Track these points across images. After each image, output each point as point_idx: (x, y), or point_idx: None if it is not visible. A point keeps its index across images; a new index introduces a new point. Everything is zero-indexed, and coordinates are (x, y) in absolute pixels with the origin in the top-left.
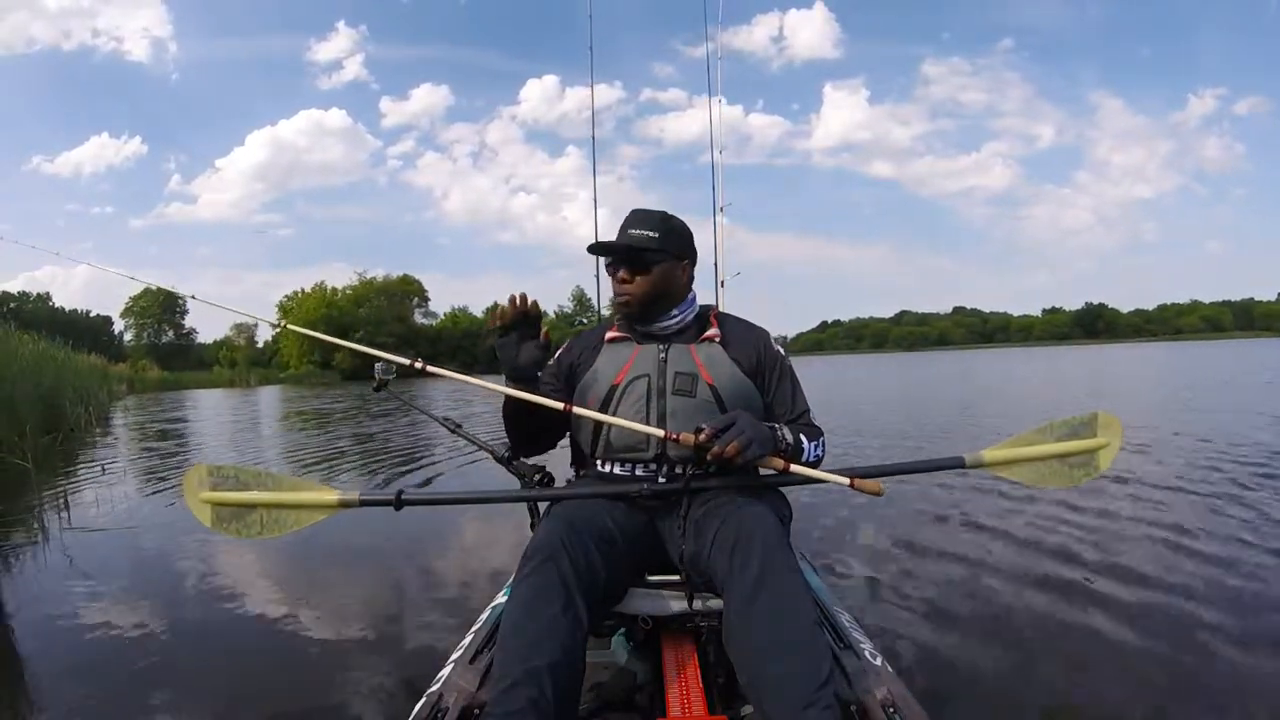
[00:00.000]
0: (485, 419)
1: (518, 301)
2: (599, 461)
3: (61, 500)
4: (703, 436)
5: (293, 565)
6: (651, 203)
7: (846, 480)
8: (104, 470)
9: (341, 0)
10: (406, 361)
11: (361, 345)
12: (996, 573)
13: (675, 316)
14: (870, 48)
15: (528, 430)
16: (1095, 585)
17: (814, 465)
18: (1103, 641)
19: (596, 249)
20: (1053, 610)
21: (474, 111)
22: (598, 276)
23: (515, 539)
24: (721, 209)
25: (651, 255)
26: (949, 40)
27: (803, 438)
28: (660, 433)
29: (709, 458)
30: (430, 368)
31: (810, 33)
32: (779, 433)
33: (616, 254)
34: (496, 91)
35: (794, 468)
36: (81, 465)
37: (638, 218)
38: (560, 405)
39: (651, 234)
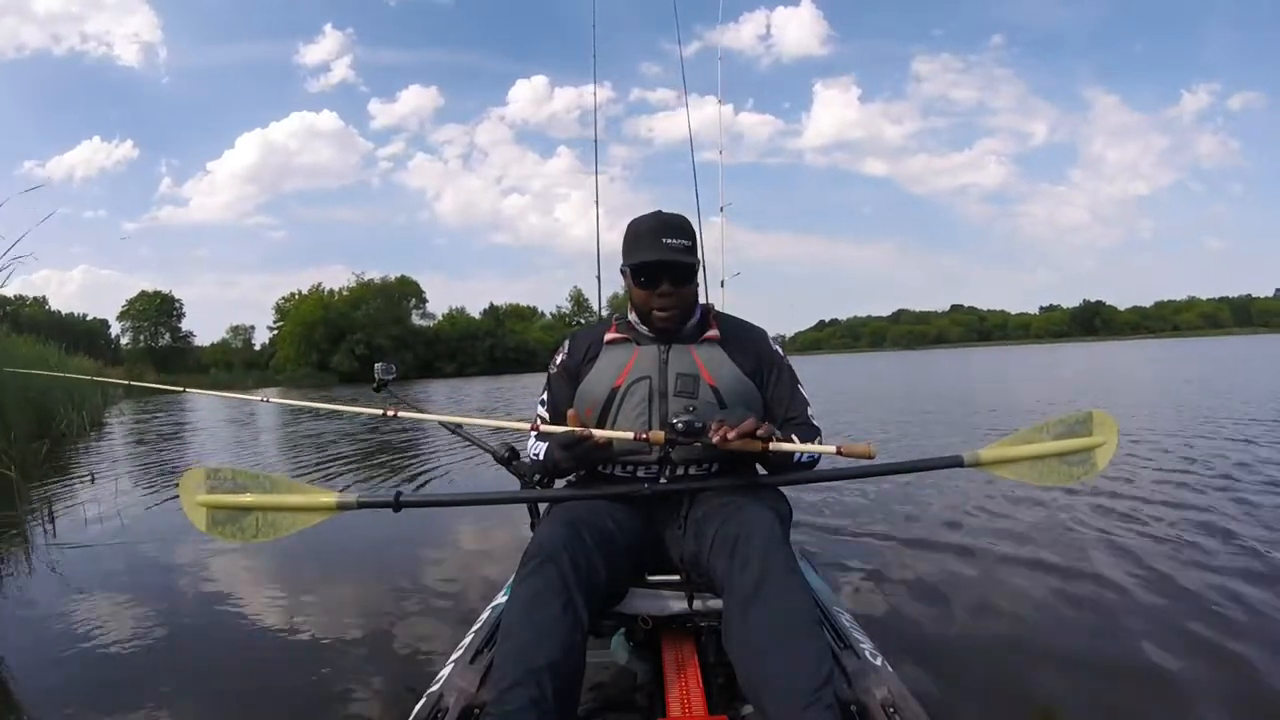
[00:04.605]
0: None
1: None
2: (600, 465)
3: (47, 512)
4: (676, 429)
5: (292, 569)
6: (645, 203)
7: (833, 449)
8: (94, 479)
9: (328, 3)
10: (379, 411)
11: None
12: (997, 572)
13: (690, 320)
14: (860, 45)
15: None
16: (1097, 584)
17: (809, 466)
18: (1104, 641)
19: (649, 267)
20: (1054, 609)
21: (463, 112)
22: (599, 277)
23: (515, 539)
24: (721, 209)
25: (691, 266)
26: (939, 37)
27: (794, 437)
28: (629, 435)
29: (713, 439)
30: (401, 413)
31: (798, 30)
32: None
33: (669, 268)
34: (485, 92)
35: (773, 446)
36: (71, 473)
37: (670, 226)
38: (526, 426)
39: (687, 243)
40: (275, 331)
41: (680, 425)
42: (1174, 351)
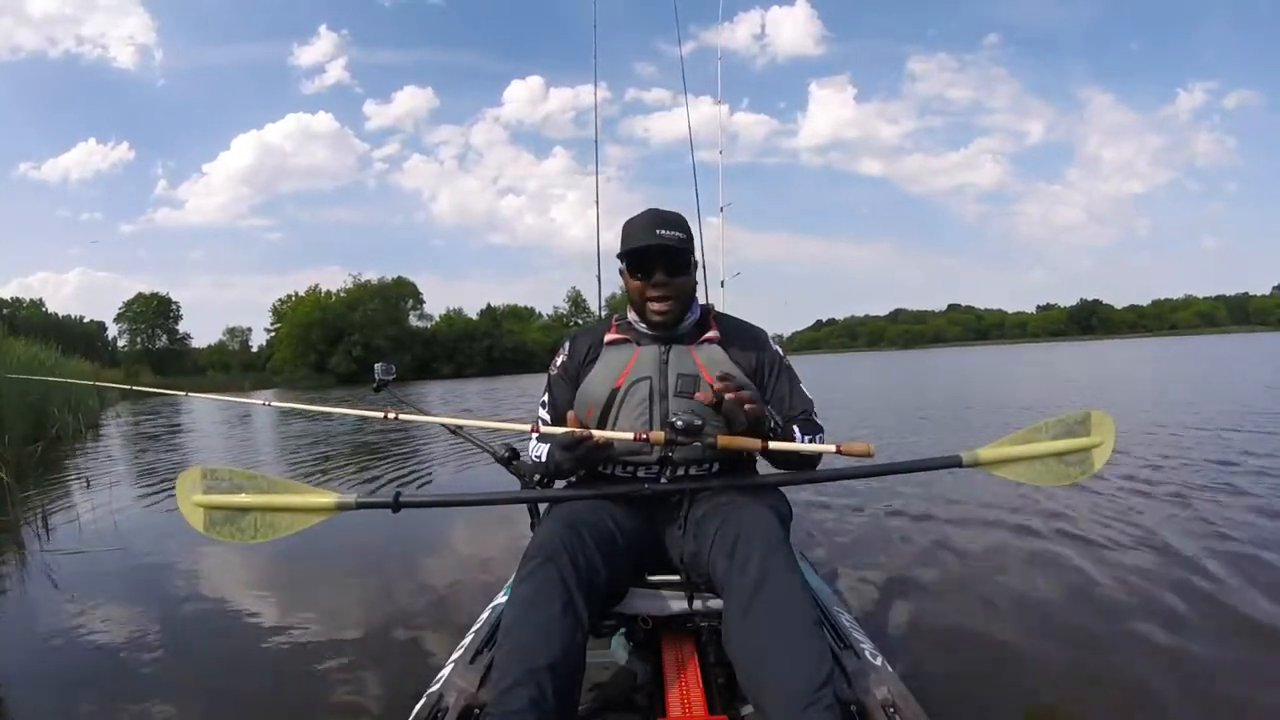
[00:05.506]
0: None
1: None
2: (600, 465)
3: (41, 517)
4: (675, 428)
5: (291, 571)
6: (641, 203)
7: (833, 448)
8: (89, 483)
9: (323, 4)
10: (379, 414)
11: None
12: (997, 572)
13: (689, 318)
14: (855, 45)
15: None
16: (1097, 585)
17: (809, 465)
18: (1105, 642)
19: (638, 252)
20: (1054, 609)
21: (458, 113)
22: (599, 277)
23: (515, 539)
24: (721, 209)
25: (686, 254)
26: (934, 36)
27: (795, 429)
28: (629, 435)
29: (716, 388)
30: (402, 415)
31: (793, 30)
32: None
33: (662, 256)
34: (480, 93)
35: (772, 445)
36: (67, 476)
37: (662, 219)
38: (526, 428)
39: (681, 234)
40: (272, 333)
41: (680, 424)
42: (1171, 350)
